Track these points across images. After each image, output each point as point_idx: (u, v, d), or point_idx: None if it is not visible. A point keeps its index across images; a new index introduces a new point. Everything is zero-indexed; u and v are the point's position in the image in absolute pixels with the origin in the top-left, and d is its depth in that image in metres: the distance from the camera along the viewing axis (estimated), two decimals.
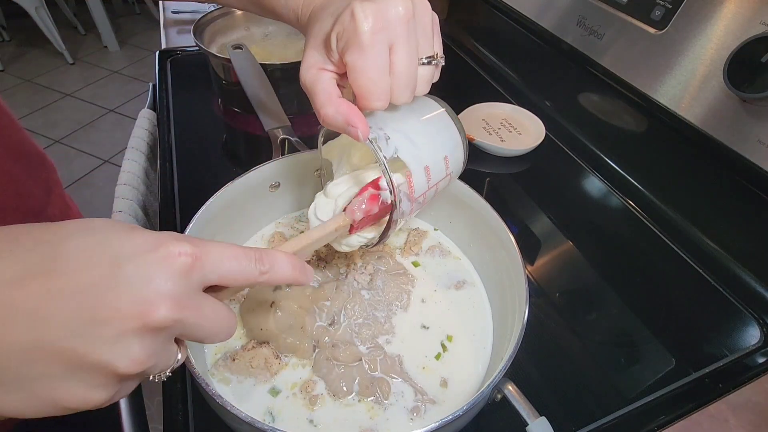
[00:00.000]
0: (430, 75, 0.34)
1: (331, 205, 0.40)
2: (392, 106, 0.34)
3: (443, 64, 0.35)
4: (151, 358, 0.23)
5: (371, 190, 0.39)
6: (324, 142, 0.43)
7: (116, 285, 0.21)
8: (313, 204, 0.42)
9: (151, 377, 0.25)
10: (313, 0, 0.38)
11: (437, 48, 0.34)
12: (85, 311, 0.21)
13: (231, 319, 0.26)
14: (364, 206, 0.38)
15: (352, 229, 0.39)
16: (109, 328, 0.21)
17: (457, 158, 0.40)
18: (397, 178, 0.35)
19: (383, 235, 0.40)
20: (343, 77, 0.34)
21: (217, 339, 0.26)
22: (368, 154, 0.43)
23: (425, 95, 0.38)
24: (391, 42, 0.31)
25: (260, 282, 0.27)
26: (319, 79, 0.33)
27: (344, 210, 0.38)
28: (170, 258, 0.23)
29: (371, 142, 0.34)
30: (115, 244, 0.22)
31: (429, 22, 0.33)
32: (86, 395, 0.22)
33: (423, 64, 0.33)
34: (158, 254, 0.23)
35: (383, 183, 0.39)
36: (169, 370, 0.26)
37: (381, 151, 0.34)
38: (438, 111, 0.39)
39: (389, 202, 0.38)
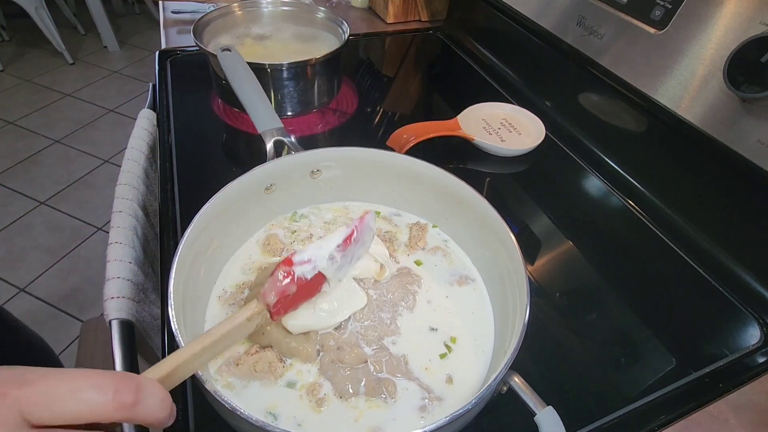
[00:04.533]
0: None
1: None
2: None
3: None
4: None
5: (283, 268, 0.37)
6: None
7: None
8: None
9: None
10: None
11: None
12: None
13: None
14: (278, 285, 0.36)
15: (274, 315, 0.37)
16: None
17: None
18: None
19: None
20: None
21: None
22: None
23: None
24: None
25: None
26: None
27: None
28: None
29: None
30: None
31: None
32: None
33: None
34: None
35: (296, 258, 0.38)
36: None
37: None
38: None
39: (308, 277, 0.38)
